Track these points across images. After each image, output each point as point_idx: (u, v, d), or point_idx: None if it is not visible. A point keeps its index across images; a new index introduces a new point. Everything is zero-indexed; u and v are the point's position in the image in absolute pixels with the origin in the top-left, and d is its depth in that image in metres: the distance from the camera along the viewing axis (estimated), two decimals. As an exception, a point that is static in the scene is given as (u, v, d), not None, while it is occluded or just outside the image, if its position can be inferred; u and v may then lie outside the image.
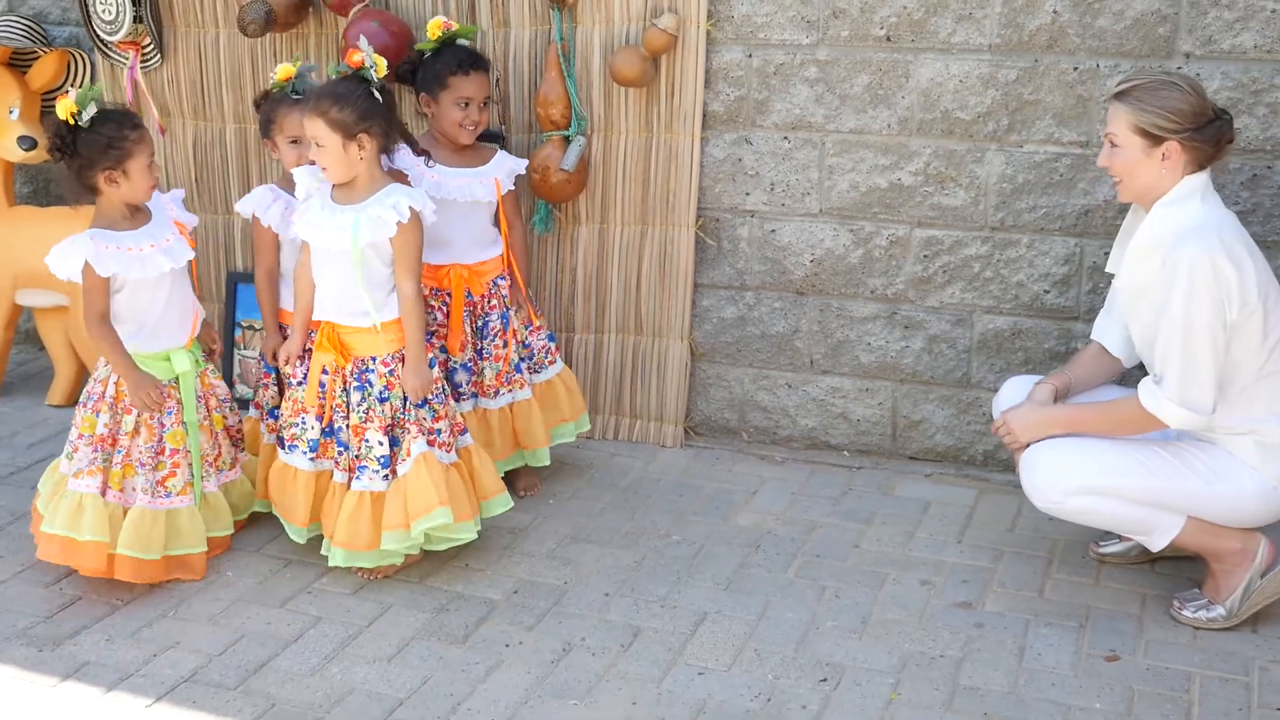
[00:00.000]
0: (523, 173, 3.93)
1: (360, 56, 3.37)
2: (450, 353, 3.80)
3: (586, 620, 3.31)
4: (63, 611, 3.37)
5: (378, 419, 3.40)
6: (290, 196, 3.68)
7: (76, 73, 4.70)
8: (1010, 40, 3.76)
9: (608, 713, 2.95)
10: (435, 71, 3.75)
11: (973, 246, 3.93)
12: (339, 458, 3.48)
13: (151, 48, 4.51)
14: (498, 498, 3.60)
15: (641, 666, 3.12)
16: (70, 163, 3.37)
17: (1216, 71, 3.60)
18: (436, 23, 3.77)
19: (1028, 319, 3.93)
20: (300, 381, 3.51)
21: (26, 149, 4.57)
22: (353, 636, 3.25)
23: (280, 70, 3.69)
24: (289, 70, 3.68)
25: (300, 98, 3.59)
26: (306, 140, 3.41)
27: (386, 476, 3.41)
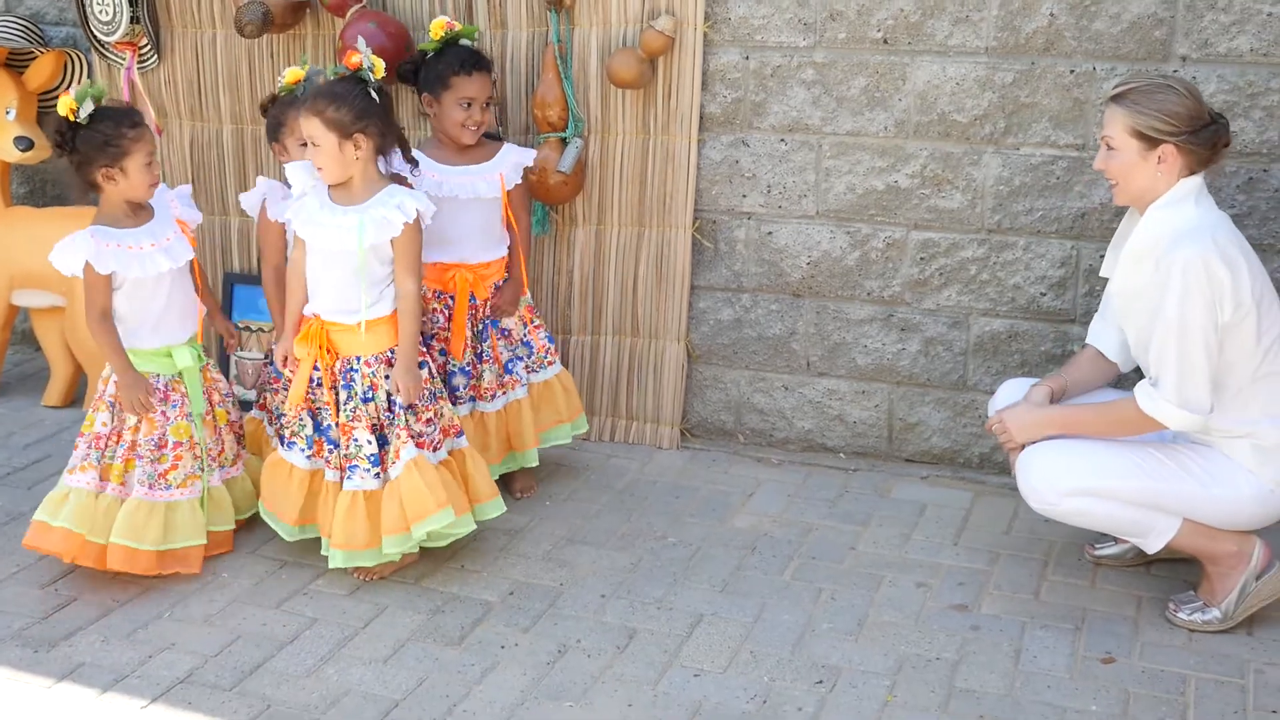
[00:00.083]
0: (530, 164, 3.91)
1: (359, 58, 3.37)
2: (453, 357, 3.80)
3: (582, 622, 3.31)
4: (58, 612, 3.37)
5: (364, 418, 3.41)
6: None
7: (73, 73, 4.70)
8: (1007, 43, 3.76)
9: (603, 714, 2.94)
10: (438, 72, 3.74)
11: (969, 249, 3.94)
12: (329, 456, 3.48)
13: (148, 48, 4.51)
14: (491, 502, 3.59)
15: (637, 668, 3.12)
16: (71, 159, 3.41)
17: (1213, 75, 3.60)
18: (439, 23, 3.77)
19: (1024, 321, 3.94)
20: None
21: (23, 150, 4.57)
22: (348, 638, 3.25)
23: (289, 74, 3.65)
24: (298, 74, 3.65)
25: None
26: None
27: (378, 475, 3.41)
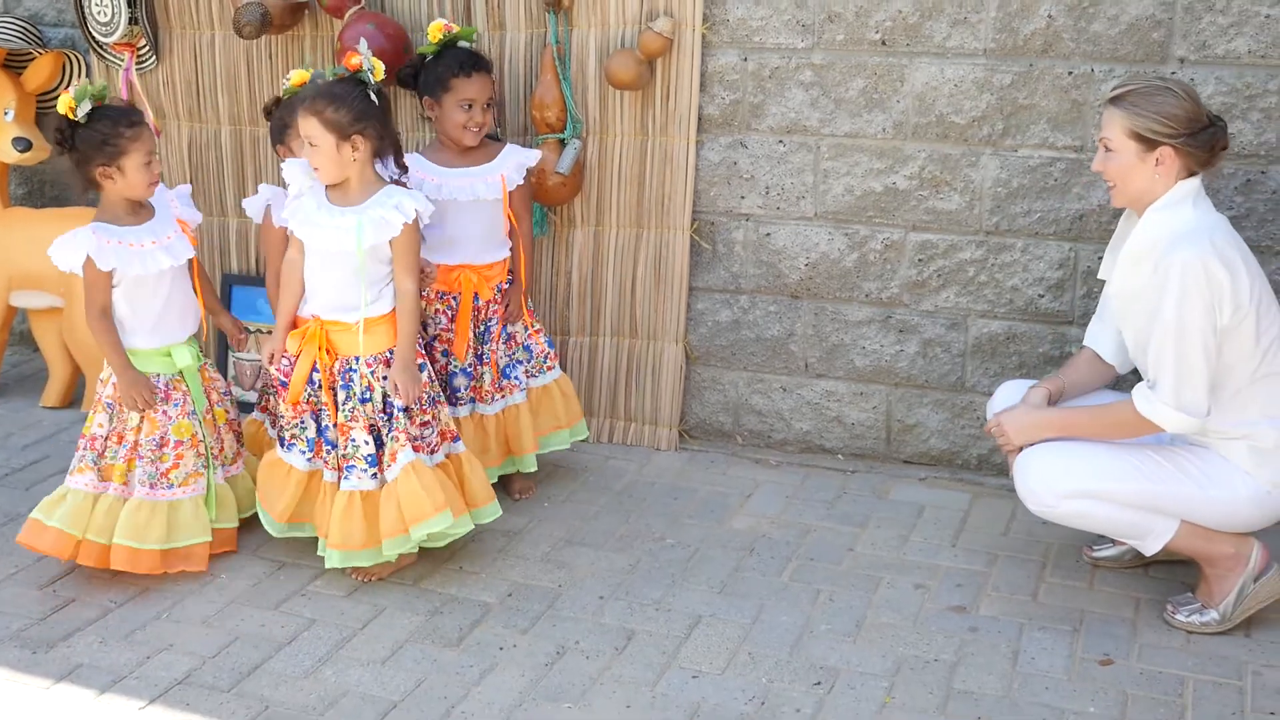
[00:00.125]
0: (533, 164, 3.91)
1: (358, 59, 3.37)
2: (457, 358, 3.80)
3: (581, 623, 3.31)
4: (56, 613, 3.37)
5: (362, 419, 3.40)
6: None
7: (72, 74, 4.70)
8: (1005, 45, 3.76)
9: (601, 716, 2.94)
10: (437, 74, 3.74)
11: (967, 251, 3.94)
12: (328, 457, 3.48)
13: (147, 49, 4.51)
14: (487, 506, 3.58)
15: (636, 670, 3.12)
16: (70, 157, 3.43)
17: (1211, 76, 3.60)
18: (437, 25, 3.77)
19: (1022, 323, 3.94)
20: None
21: (21, 150, 4.57)
22: (347, 639, 3.25)
23: (295, 75, 3.61)
24: (304, 76, 3.60)
25: None
26: None
27: (375, 476, 3.41)
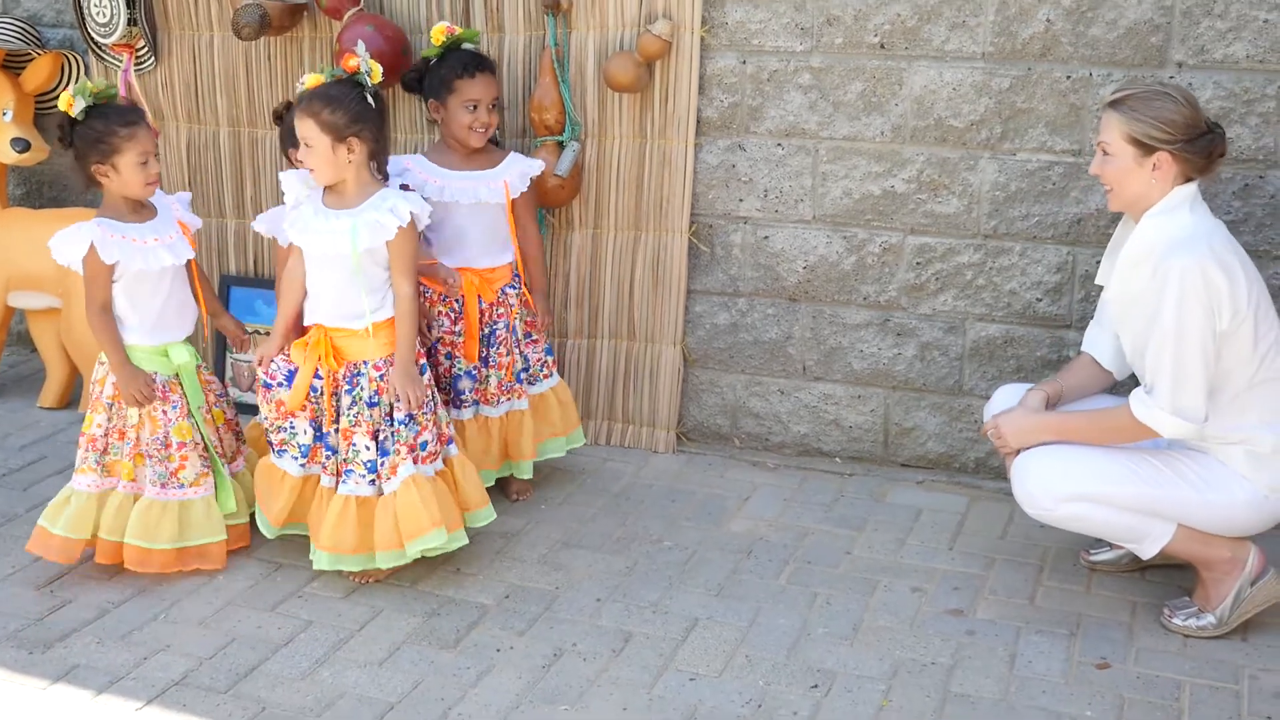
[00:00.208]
0: (537, 173, 3.91)
1: (356, 61, 3.37)
2: (468, 360, 3.80)
3: (578, 625, 3.31)
4: (53, 614, 3.36)
5: (366, 423, 3.40)
6: None
7: (71, 75, 4.70)
8: (1003, 48, 3.76)
9: (598, 718, 2.94)
10: (441, 76, 3.74)
11: (965, 254, 3.94)
12: (326, 462, 3.47)
13: (146, 50, 4.51)
14: (481, 510, 3.58)
15: (633, 672, 3.12)
16: (72, 154, 3.46)
17: (1209, 81, 3.61)
18: (440, 28, 3.76)
19: (1020, 327, 3.94)
20: (281, 384, 3.49)
21: (20, 151, 4.57)
22: (343, 640, 3.25)
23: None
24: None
25: None
26: None
27: (373, 482, 3.41)
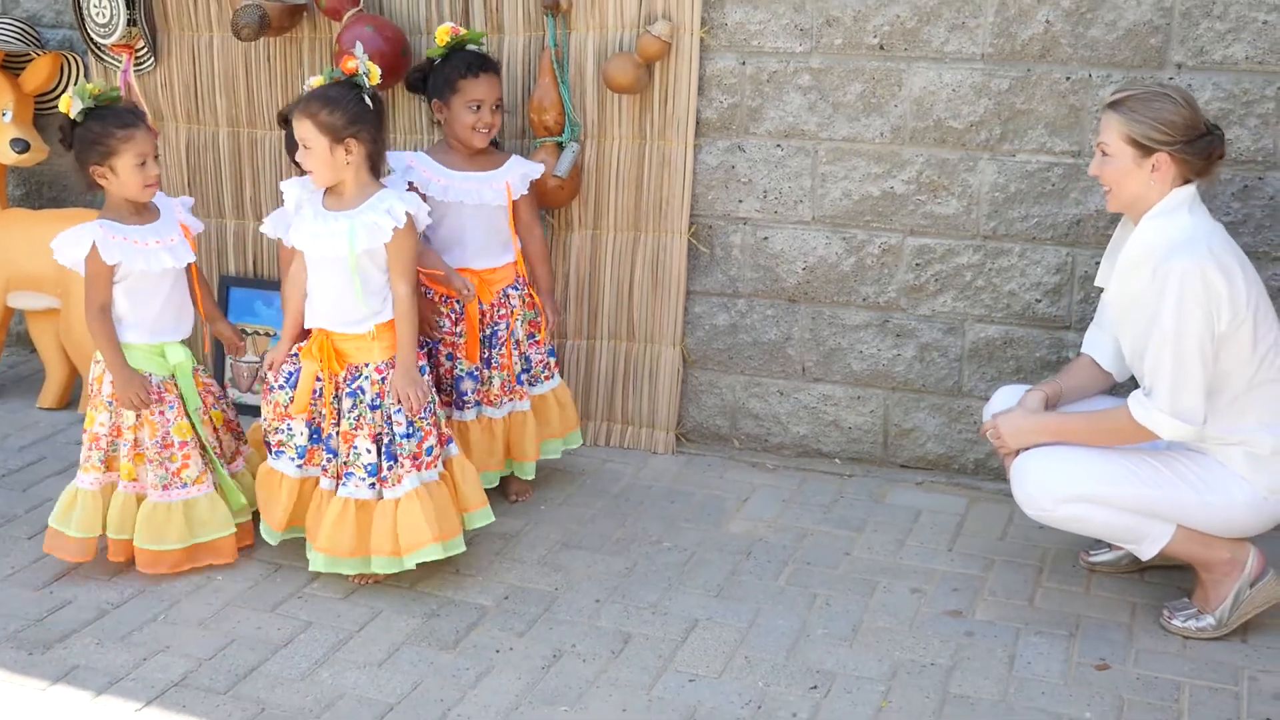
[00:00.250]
0: (537, 176, 3.91)
1: (354, 63, 3.36)
2: (470, 360, 3.80)
3: (577, 626, 3.31)
4: (53, 615, 3.36)
5: (367, 426, 3.40)
6: None
7: (70, 76, 4.70)
8: (1003, 50, 3.77)
9: (598, 719, 2.94)
10: (445, 76, 3.75)
11: (964, 255, 3.94)
12: (326, 464, 3.47)
13: (145, 51, 4.51)
14: (479, 511, 3.57)
15: (632, 673, 3.12)
16: (72, 156, 3.47)
17: (1208, 82, 3.61)
18: (445, 29, 3.76)
19: (1019, 328, 3.94)
20: (281, 385, 3.49)
21: (19, 152, 4.57)
22: (343, 641, 3.25)
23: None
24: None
25: None
26: None
27: (373, 485, 3.40)
